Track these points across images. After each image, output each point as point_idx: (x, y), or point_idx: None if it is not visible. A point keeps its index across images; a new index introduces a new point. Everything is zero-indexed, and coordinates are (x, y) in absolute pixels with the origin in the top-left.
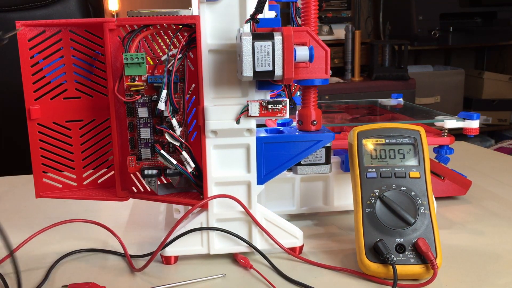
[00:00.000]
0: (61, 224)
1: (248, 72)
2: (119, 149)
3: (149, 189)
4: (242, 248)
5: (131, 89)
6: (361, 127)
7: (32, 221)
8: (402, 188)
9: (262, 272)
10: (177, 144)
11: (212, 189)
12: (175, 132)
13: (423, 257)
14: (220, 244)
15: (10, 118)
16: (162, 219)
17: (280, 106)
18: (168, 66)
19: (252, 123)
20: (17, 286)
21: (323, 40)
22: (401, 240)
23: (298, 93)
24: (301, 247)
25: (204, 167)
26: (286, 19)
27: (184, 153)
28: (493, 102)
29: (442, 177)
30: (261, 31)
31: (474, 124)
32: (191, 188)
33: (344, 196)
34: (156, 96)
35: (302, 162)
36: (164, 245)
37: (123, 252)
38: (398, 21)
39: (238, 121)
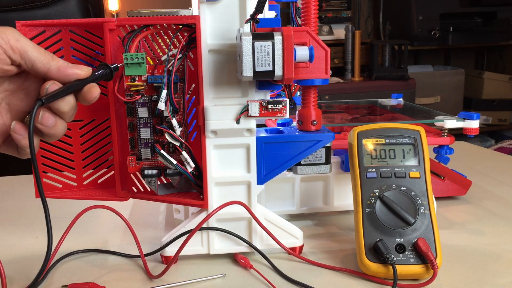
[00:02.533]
0: (89, 210)
1: (248, 72)
2: (119, 149)
3: (149, 189)
4: (242, 248)
5: (131, 89)
6: (361, 127)
7: (32, 221)
8: (402, 188)
9: (262, 272)
10: (177, 144)
11: (212, 189)
12: (175, 132)
13: (423, 257)
14: (220, 244)
15: None
16: (162, 219)
17: (280, 106)
18: (168, 66)
19: (252, 123)
20: None
21: (323, 40)
22: (401, 240)
23: (298, 93)
24: (301, 247)
25: (204, 167)
26: (286, 19)
27: (184, 153)
28: (493, 102)
29: (442, 177)
30: (261, 31)
31: (474, 124)
32: (191, 188)
33: (344, 196)
34: (156, 96)
35: (302, 162)
36: (184, 245)
37: (123, 252)
38: (398, 21)
39: (238, 121)
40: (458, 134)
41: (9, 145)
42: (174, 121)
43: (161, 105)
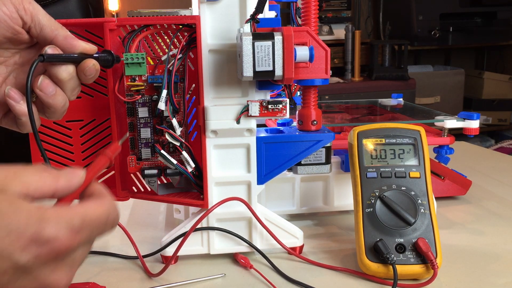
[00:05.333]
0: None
1: (248, 72)
2: None
3: (149, 189)
4: (242, 248)
5: (131, 89)
6: (361, 127)
7: None
8: (402, 188)
9: (262, 272)
10: (177, 144)
11: (212, 189)
12: (175, 132)
13: (423, 257)
14: (220, 244)
15: None
16: (162, 219)
17: (280, 106)
18: (168, 66)
19: (252, 123)
20: None
21: (323, 40)
22: (401, 240)
23: (298, 93)
24: (301, 247)
25: (204, 167)
26: (286, 19)
27: (184, 153)
28: (493, 102)
29: (442, 177)
30: (261, 31)
31: (474, 124)
32: (191, 188)
33: (344, 196)
34: (156, 96)
35: (302, 162)
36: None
37: (123, 254)
38: (398, 21)
39: (238, 121)
40: (458, 134)
41: (9, 117)
42: (174, 121)
43: (161, 105)
